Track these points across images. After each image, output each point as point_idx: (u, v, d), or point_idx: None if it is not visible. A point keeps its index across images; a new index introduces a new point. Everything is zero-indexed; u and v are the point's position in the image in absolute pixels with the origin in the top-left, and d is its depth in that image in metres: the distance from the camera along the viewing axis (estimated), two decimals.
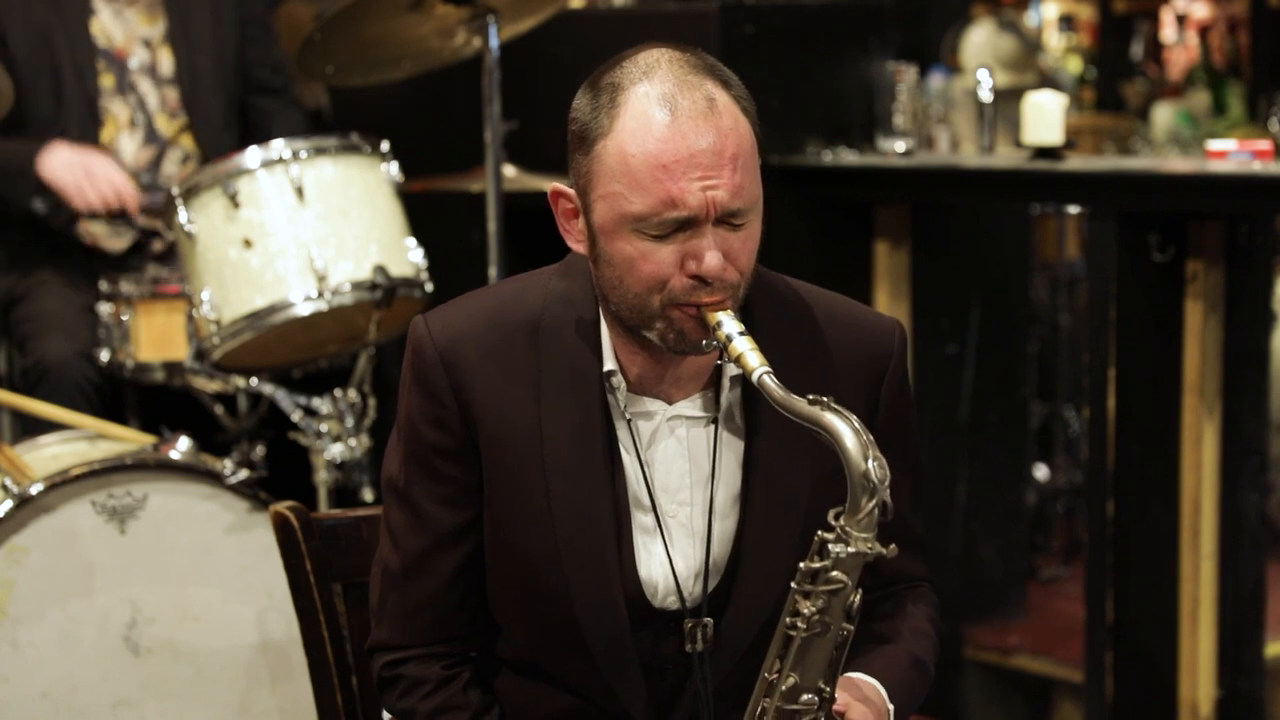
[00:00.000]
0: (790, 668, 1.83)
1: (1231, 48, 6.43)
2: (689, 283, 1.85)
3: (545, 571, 1.94)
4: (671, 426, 1.96)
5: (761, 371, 1.81)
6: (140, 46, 3.87)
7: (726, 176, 1.84)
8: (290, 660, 3.06)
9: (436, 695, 2.02)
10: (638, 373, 1.95)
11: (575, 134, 1.90)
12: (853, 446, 1.76)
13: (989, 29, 5.53)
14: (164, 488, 3.06)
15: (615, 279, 1.89)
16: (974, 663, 4.21)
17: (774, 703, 1.85)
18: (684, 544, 1.97)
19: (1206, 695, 3.59)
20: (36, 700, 2.98)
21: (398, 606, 2.04)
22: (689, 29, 3.90)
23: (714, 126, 1.85)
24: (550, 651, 1.99)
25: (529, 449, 1.94)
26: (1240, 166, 3.39)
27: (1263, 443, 3.71)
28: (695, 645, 1.96)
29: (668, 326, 1.88)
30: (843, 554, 1.79)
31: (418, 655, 2.03)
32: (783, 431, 1.92)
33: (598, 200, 1.88)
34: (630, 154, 1.84)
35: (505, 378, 1.95)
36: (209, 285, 3.32)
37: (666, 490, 1.96)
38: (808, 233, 3.95)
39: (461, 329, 1.97)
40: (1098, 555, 3.56)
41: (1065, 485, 4.91)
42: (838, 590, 1.80)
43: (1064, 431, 4.98)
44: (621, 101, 1.86)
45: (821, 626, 1.81)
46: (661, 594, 1.97)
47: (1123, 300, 3.50)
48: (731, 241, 1.87)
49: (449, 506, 1.99)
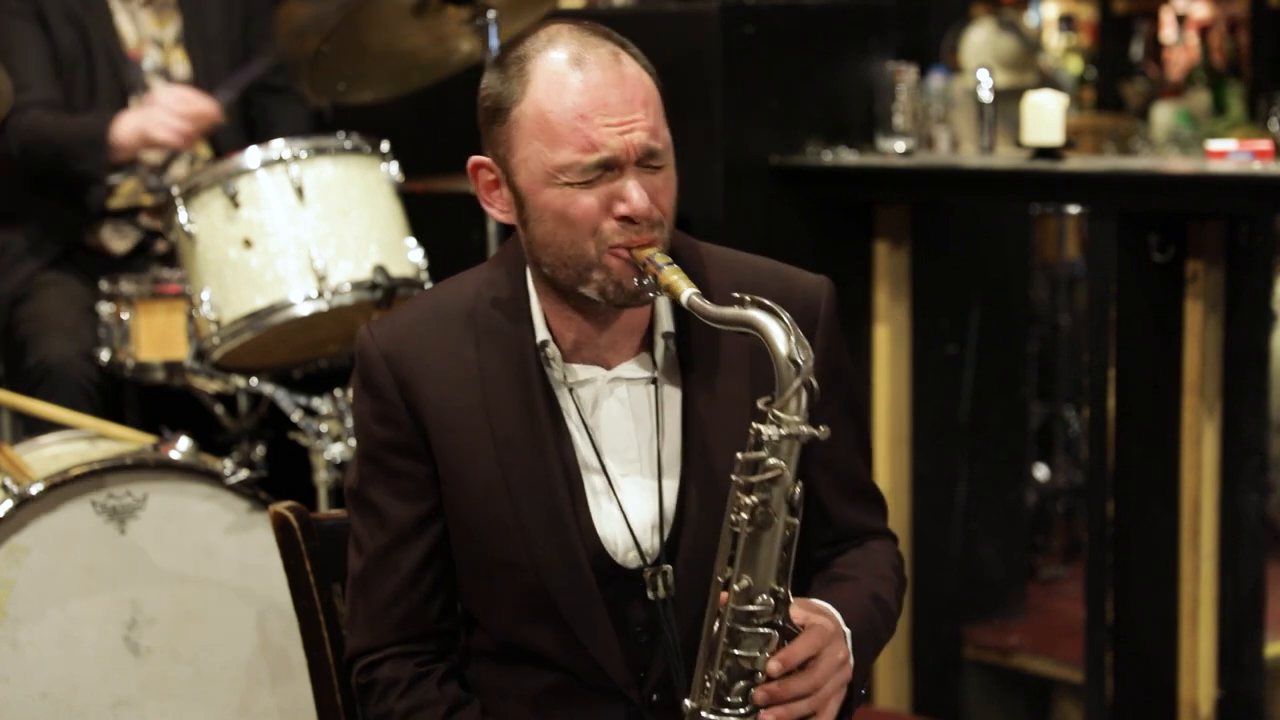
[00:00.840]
0: (741, 568, 1.87)
1: (1231, 48, 6.43)
2: (617, 224, 1.93)
3: (508, 543, 2.00)
4: (612, 388, 2.03)
5: (690, 293, 1.88)
6: (153, 48, 3.88)
7: (641, 119, 1.93)
8: (290, 660, 3.06)
9: (411, 693, 2.05)
10: (574, 339, 2.02)
11: (488, 109, 1.99)
12: (777, 334, 1.83)
13: (989, 29, 5.54)
14: (164, 488, 3.06)
15: (548, 235, 1.96)
16: (974, 663, 4.21)
17: (729, 605, 1.88)
18: (637, 500, 2.03)
19: (1206, 695, 3.59)
20: (36, 700, 2.98)
21: (365, 609, 2.08)
22: (689, 29, 3.90)
23: (622, 75, 1.94)
24: (525, 625, 2.04)
25: (477, 429, 2.01)
26: (1240, 166, 3.39)
27: (1263, 443, 3.71)
28: (657, 593, 2.01)
29: (605, 276, 1.95)
30: (775, 437, 1.84)
31: (390, 655, 2.07)
32: (716, 380, 2.00)
33: (520, 163, 1.96)
34: (547, 110, 1.92)
35: (447, 366, 2.02)
36: (209, 285, 3.32)
37: (615, 451, 2.03)
38: (808, 233, 3.95)
39: (401, 328, 2.05)
40: (1098, 555, 3.56)
41: (1065, 485, 4.91)
42: (776, 478, 1.85)
43: (1064, 431, 4.98)
44: (531, 69, 1.95)
45: (765, 519, 1.86)
46: (622, 550, 2.02)
47: (1123, 300, 3.50)
48: (653, 182, 1.94)
49: (404, 501, 2.05)
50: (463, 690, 2.09)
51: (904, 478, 4.09)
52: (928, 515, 4.11)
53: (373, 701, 2.07)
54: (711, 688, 1.90)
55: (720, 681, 1.90)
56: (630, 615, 2.03)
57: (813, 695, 1.89)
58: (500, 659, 2.09)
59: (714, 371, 1.99)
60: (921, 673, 4.13)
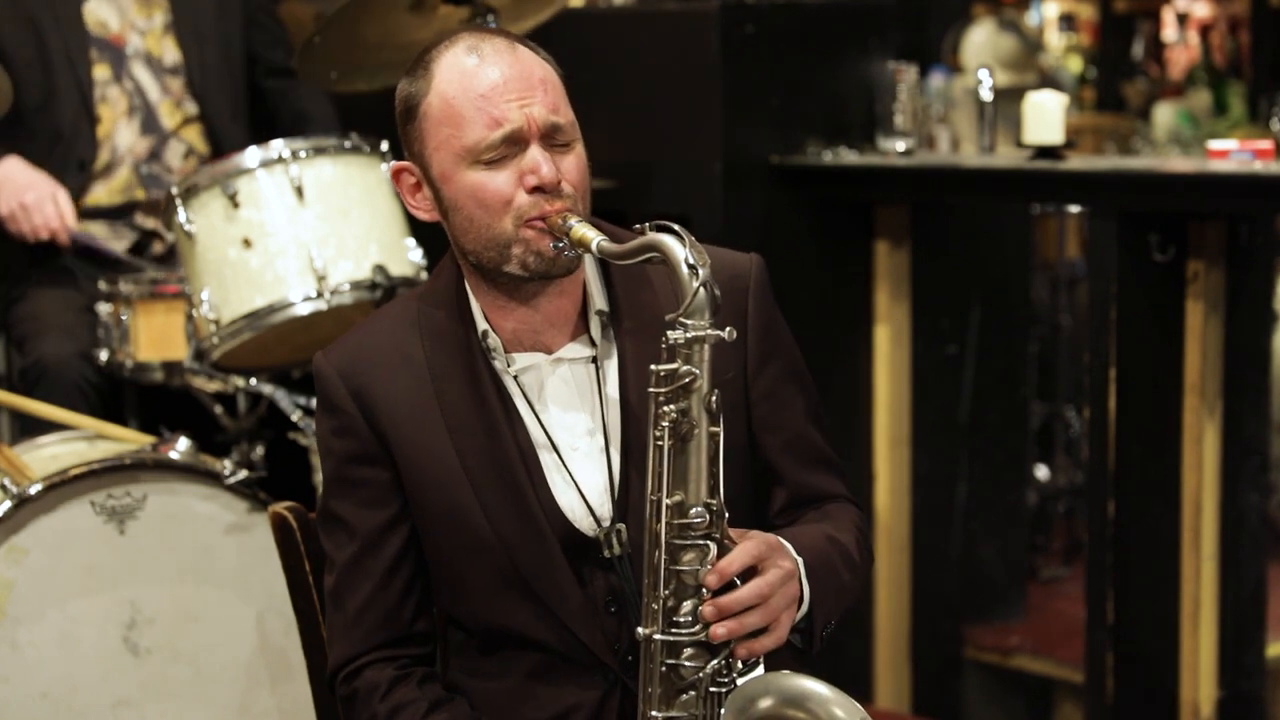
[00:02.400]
0: (672, 485, 1.92)
1: (1232, 47, 6.43)
2: (530, 198, 2.01)
3: (474, 527, 2.07)
4: (555, 369, 2.11)
5: (599, 239, 1.96)
6: (135, 34, 3.86)
7: (539, 95, 2.02)
8: (290, 660, 3.06)
9: (392, 695, 2.09)
10: (513, 328, 2.10)
11: (401, 112, 2.08)
12: (673, 245, 1.91)
13: (989, 28, 5.54)
14: (163, 488, 3.06)
15: (466, 220, 2.05)
16: (974, 663, 4.21)
17: (665, 520, 1.92)
18: (588, 471, 2.09)
19: (1207, 696, 3.58)
20: (36, 700, 2.98)
21: (342, 620, 2.12)
22: (689, 29, 3.90)
23: (518, 57, 2.04)
24: (499, 606, 2.08)
25: (432, 423, 2.08)
26: (1241, 166, 3.38)
27: (1263, 443, 3.71)
28: (613, 550, 2.07)
29: (525, 249, 2.02)
30: (682, 340, 1.90)
31: (370, 661, 2.11)
32: (647, 345, 2.04)
33: (433, 154, 2.05)
34: (450, 96, 2.02)
35: (398, 370, 2.10)
36: (208, 285, 3.32)
37: (564, 428, 2.10)
38: (808, 233, 3.94)
39: (353, 347, 2.14)
40: (1098, 555, 3.56)
41: (1066, 485, 4.90)
42: (690, 383, 1.90)
43: (1064, 431, 4.97)
44: (433, 65, 2.06)
45: (687, 429, 1.91)
46: (580, 517, 2.09)
47: (1123, 300, 3.50)
48: (561, 161, 2.02)
49: (370, 508, 2.11)
50: (444, 690, 2.12)
51: (904, 478, 4.09)
52: (928, 515, 4.11)
53: (357, 709, 2.11)
54: (659, 610, 1.94)
55: (667, 603, 1.93)
56: (597, 583, 2.08)
57: (761, 606, 1.91)
58: (480, 649, 2.13)
59: (643, 340, 2.06)
60: (921, 673, 4.13)
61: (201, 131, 3.90)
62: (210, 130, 3.89)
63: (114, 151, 3.83)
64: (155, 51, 3.88)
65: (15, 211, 3.69)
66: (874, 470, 4.06)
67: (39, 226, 3.69)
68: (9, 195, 3.69)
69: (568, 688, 2.08)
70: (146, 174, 3.84)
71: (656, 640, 1.93)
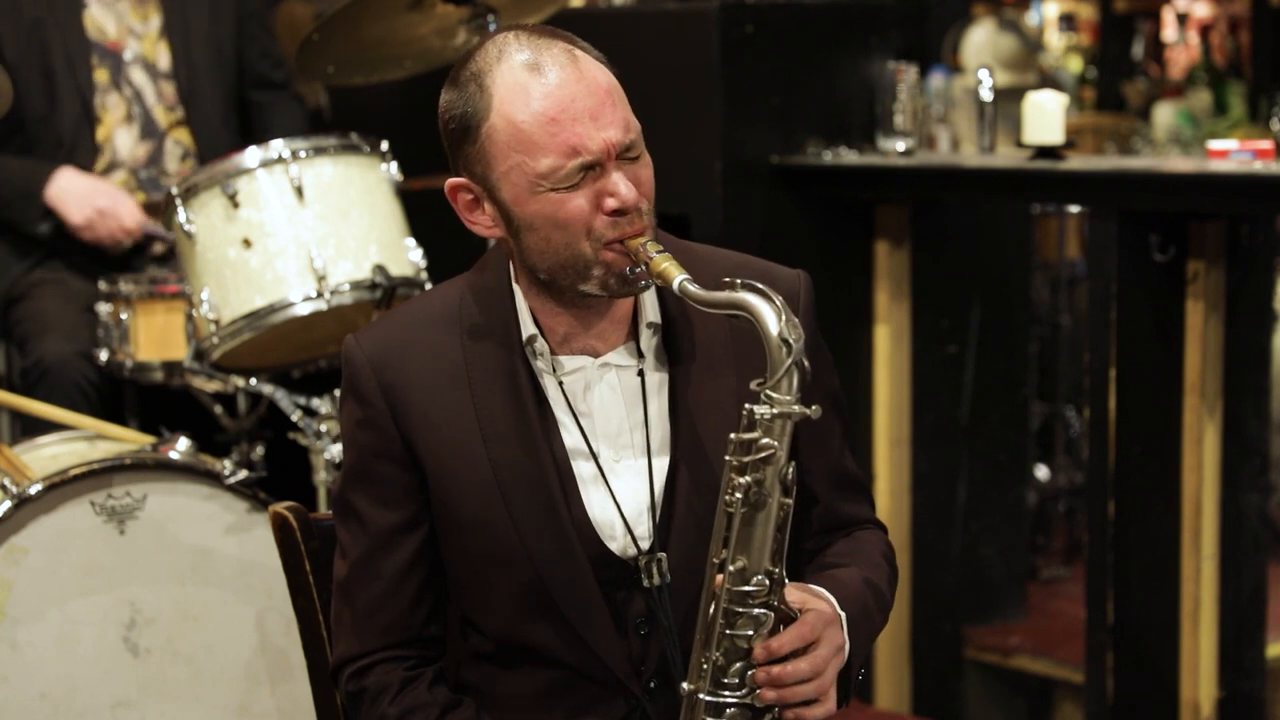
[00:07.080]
0: (736, 549, 1.89)
1: (1233, 47, 6.42)
2: (608, 219, 1.95)
3: (503, 540, 2.01)
4: (602, 374, 2.05)
5: (682, 278, 1.91)
6: (133, 39, 3.87)
7: (610, 113, 1.95)
8: (290, 660, 3.06)
9: (402, 698, 2.05)
10: (564, 332, 2.04)
11: (454, 131, 2.01)
12: (768, 314, 1.86)
13: (989, 28, 5.53)
14: (163, 488, 3.06)
15: (542, 242, 1.98)
16: (974, 663, 4.21)
17: (724, 586, 1.90)
18: (628, 486, 2.04)
19: (1208, 696, 3.58)
20: (36, 700, 2.98)
21: (350, 616, 2.09)
22: (689, 29, 3.90)
23: (581, 71, 1.97)
24: (524, 623, 2.04)
25: (466, 427, 2.02)
26: (1241, 166, 3.38)
27: (1264, 443, 3.71)
28: (652, 580, 2.03)
29: (606, 271, 1.97)
30: (768, 416, 1.86)
31: (378, 660, 2.07)
32: (702, 368, 2.03)
33: (501, 178, 1.97)
34: (519, 121, 1.94)
35: (434, 368, 2.04)
36: (208, 285, 3.31)
37: (606, 436, 2.05)
38: (808, 233, 3.94)
39: (387, 335, 2.07)
40: (1098, 555, 3.56)
41: (1066, 485, 4.90)
42: (769, 457, 1.87)
43: (1064, 431, 4.97)
44: (489, 84, 1.96)
45: (759, 499, 1.88)
46: (617, 535, 2.04)
47: (1123, 300, 3.50)
48: (634, 171, 1.97)
49: (385, 507, 2.06)
50: (454, 693, 2.09)
51: (904, 478, 4.08)
52: (928, 515, 4.11)
53: (364, 708, 2.08)
54: (709, 670, 1.92)
55: (717, 664, 1.91)
56: (628, 605, 2.04)
57: (814, 680, 1.90)
58: (499, 660, 2.09)
59: (699, 360, 2.03)
60: (922, 673, 4.13)
61: (191, 135, 3.91)
62: (196, 133, 3.89)
63: (113, 156, 3.84)
64: (150, 56, 3.88)
65: (92, 219, 3.71)
66: (874, 470, 4.06)
67: (115, 230, 3.71)
68: (80, 204, 3.71)
69: (587, 707, 2.05)
70: (145, 178, 3.84)
71: (701, 699, 1.92)
